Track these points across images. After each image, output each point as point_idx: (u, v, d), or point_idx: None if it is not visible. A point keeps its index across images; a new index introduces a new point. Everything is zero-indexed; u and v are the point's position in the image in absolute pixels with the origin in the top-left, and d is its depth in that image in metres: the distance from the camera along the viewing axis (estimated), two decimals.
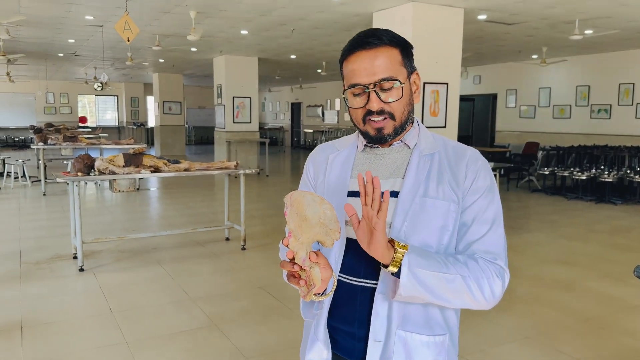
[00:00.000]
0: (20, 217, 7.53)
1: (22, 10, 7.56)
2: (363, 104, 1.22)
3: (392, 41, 1.23)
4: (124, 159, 5.26)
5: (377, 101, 1.21)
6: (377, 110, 1.21)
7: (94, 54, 12.55)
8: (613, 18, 7.68)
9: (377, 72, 1.20)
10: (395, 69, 1.22)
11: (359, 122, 1.26)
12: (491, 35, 9.31)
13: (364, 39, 1.21)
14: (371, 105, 1.21)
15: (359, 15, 7.61)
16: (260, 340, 3.59)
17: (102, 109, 24.53)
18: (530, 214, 8.37)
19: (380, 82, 1.20)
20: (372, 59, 1.20)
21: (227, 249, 5.98)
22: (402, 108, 1.24)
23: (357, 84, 1.21)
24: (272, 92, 25.54)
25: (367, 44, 1.21)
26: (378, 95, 1.21)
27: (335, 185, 1.32)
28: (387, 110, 1.22)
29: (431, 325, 1.25)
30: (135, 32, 6.45)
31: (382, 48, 1.21)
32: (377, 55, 1.20)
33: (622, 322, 3.95)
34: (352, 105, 1.25)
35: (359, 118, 1.25)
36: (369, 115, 1.23)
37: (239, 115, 12.80)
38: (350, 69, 1.23)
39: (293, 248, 1.11)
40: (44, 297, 4.36)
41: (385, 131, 1.24)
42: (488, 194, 1.25)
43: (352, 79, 1.22)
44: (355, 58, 1.22)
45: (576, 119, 12.13)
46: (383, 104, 1.21)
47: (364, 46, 1.21)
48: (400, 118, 1.24)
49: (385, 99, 1.21)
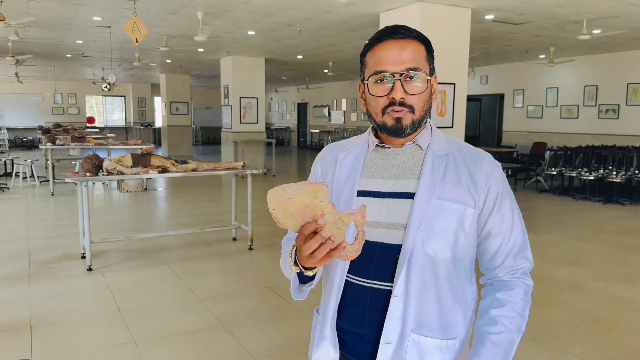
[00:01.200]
0: (29, 217, 7.58)
1: (31, 12, 7.61)
2: (386, 93, 1.21)
3: (420, 36, 1.24)
4: (132, 159, 5.28)
5: (401, 90, 1.20)
6: (399, 101, 1.20)
7: (102, 54, 12.61)
8: (621, 17, 7.63)
9: (404, 62, 1.20)
10: (421, 62, 1.22)
11: (378, 113, 1.24)
12: (498, 35, 9.28)
13: (394, 29, 1.22)
14: (395, 93, 1.20)
15: (366, 15, 7.61)
16: (267, 340, 3.60)
17: (109, 109, 24.64)
18: (538, 214, 8.34)
19: (407, 71, 1.20)
20: (400, 48, 1.20)
21: (234, 249, 5.99)
22: (422, 103, 1.23)
23: (384, 70, 1.20)
24: (278, 93, 25.57)
25: (395, 33, 1.21)
26: (402, 85, 1.20)
27: (344, 185, 1.30)
28: (407, 103, 1.21)
29: (445, 329, 1.24)
30: (144, 33, 6.49)
31: (410, 40, 1.22)
32: (406, 46, 1.21)
33: (631, 323, 3.93)
34: (375, 92, 1.23)
35: (378, 109, 1.23)
36: (390, 107, 1.21)
37: (245, 116, 12.82)
38: (377, 57, 1.22)
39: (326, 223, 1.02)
40: (53, 297, 4.39)
41: (404, 122, 1.22)
42: (511, 198, 1.29)
43: (378, 66, 1.21)
44: (384, 46, 1.22)
45: (584, 119, 12.06)
46: (406, 95, 1.20)
47: (392, 35, 1.21)
48: (419, 112, 1.23)
49: (408, 89, 1.20)
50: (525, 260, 1.31)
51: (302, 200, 0.99)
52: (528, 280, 1.30)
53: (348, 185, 1.29)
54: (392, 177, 1.26)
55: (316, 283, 1.27)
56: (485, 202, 1.25)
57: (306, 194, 0.98)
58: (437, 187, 1.22)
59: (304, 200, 0.99)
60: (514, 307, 1.25)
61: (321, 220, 1.00)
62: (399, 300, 1.21)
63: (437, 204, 1.21)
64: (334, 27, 8.67)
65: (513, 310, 1.25)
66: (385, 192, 1.25)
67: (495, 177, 1.26)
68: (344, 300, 1.29)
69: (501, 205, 1.26)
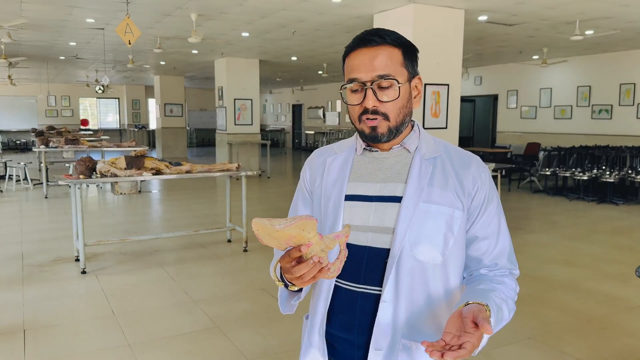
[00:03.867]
0: (23, 220, 7.54)
1: (23, 14, 7.58)
2: (359, 101, 1.22)
3: (395, 41, 1.22)
4: (126, 161, 5.26)
5: (373, 99, 1.20)
6: (371, 109, 1.20)
7: (96, 56, 12.57)
8: (613, 18, 7.67)
9: (375, 69, 1.19)
10: (395, 68, 1.21)
11: (355, 121, 1.25)
12: (492, 36, 9.32)
13: (367, 37, 1.21)
14: (367, 102, 1.20)
15: (360, 17, 7.62)
16: (262, 342, 3.59)
17: (103, 111, 24.56)
18: (532, 214, 8.36)
19: (377, 79, 1.19)
20: (372, 56, 1.20)
21: (229, 251, 5.98)
22: (397, 110, 1.22)
23: (355, 79, 1.21)
24: (273, 94, 25.56)
25: (369, 41, 1.21)
26: (375, 93, 1.20)
27: (332, 189, 1.30)
28: (381, 110, 1.20)
29: (437, 334, 1.21)
30: (137, 34, 6.47)
31: (383, 47, 1.21)
32: (378, 54, 1.20)
33: (624, 323, 3.95)
34: (349, 101, 1.25)
35: (355, 116, 1.25)
36: (364, 115, 1.22)
37: (240, 117, 12.81)
38: (350, 65, 1.23)
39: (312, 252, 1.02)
40: (46, 300, 4.36)
41: (379, 130, 1.22)
42: (498, 202, 1.29)
43: (350, 74, 1.22)
44: (356, 55, 1.22)
45: (577, 119, 12.12)
46: (378, 103, 1.20)
47: (365, 43, 1.21)
48: (395, 119, 1.22)
49: (381, 97, 1.20)
50: (513, 265, 1.29)
51: (289, 232, 0.98)
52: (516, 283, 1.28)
53: (336, 189, 1.29)
54: (379, 180, 1.26)
55: (304, 296, 1.28)
56: (471, 204, 1.24)
57: (294, 229, 0.97)
58: (425, 191, 1.22)
59: (292, 232, 0.98)
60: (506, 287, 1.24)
61: (305, 249, 1.00)
62: (388, 305, 1.20)
63: (425, 208, 1.20)
64: (328, 29, 8.68)
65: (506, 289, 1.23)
66: (372, 195, 1.25)
67: (483, 179, 1.26)
68: (332, 306, 1.27)
69: (487, 208, 1.26)
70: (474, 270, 1.28)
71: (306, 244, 1.00)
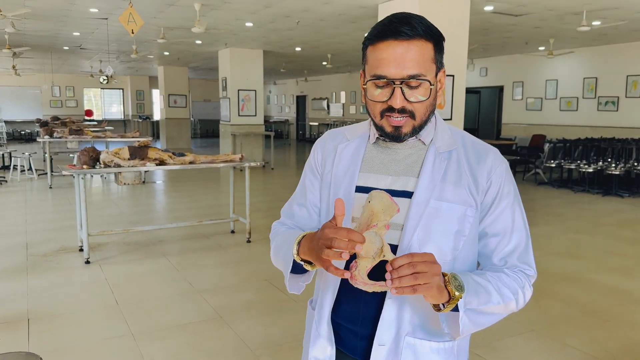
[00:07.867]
0: (27, 210, 7.57)
1: (27, 3, 7.56)
2: (385, 98, 1.12)
3: (427, 33, 1.11)
4: (129, 151, 5.26)
5: (401, 98, 1.11)
6: (398, 109, 1.12)
7: (99, 46, 12.55)
8: (621, 9, 7.59)
9: (406, 67, 1.09)
10: (426, 66, 1.11)
11: (376, 116, 1.16)
12: (498, 27, 9.24)
13: (398, 27, 1.09)
14: (394, 102, 1.11)
15: (364, 7, 7.56)
16: (265, 332, 3.60)
17: (107, 102, 24.57)
18: (537, 206, 8.33)
19: (408, 79, 1.09)
20: (402, 51, 1.09)
21: (232, 242, 5.98)
22: (424, 109, 1.14)
23: (383, 76, 1.10)
24: (277, 85, 25.49)
25: (399, 33, 1.08)
26: (403, 92, 1.11)
27: (342, 179, 1.26)
28: (408, 109, 1.13)
29: (442, 332, 1.17)
30: (140, 24, 6.44)
31: (415, 40, 1.09)
32: (410, 48, 1.09)
33: (628, 315, 3.93)
34: (373, 97, 1.14)
35: (376, 111, 1.16)
36: (388, 112, 1.13)
37: (244, 108, 12.79)
38: (377, 57, 1.11)
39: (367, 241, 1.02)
40: (50, 290, 4.38)
41: (404, 130, 1.15)
42: (515, 199, 1.22)
43: (377, 69, 1.11)
44: (386, 47, 1.10)
45: (583, 111, 12.04)
46: (406, 103, 1.12)
47: (396, 35, 1.09)
48: (421, 118, 1.15)
49: (410, 97, 1.11)
50: (527, 266, 1.22)
51: (376, 205, 1.01)
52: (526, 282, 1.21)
53: (347, 179, 1.25)
54: (391, 173, 1.21)
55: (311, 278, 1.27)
56: (484, 198, 1.19)
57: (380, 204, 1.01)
58: (437, 187, 1.16)
59: (377, 207, 1.01)
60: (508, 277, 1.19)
61: (358, 247, 0.97)
62: (393, 302, 1.17)
63: (436, 205, 1.16)
64: (332, 19, 8.62)
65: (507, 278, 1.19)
66: (383, 189, 1.19)
67: (498, 173, 1.19)
68: (338, 295, 1.26)
69: (500, 204, 1.19)
70: (483, 267, 1.24)
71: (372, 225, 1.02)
